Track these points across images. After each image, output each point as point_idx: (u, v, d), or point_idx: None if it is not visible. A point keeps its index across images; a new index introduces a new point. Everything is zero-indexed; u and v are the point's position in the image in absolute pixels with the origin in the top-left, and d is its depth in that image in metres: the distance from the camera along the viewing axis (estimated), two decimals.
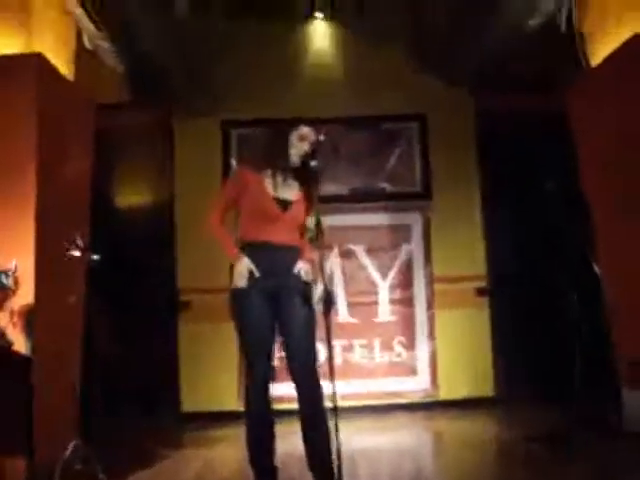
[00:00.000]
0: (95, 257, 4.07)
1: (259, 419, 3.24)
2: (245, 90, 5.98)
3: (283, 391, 3.47)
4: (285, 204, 3.29)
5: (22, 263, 3.70)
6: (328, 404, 3.15)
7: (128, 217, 6.09)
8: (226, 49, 5.88)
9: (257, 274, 3.18)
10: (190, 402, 5.78)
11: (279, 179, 3.34)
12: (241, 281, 3.18)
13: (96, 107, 4.71)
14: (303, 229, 3.37)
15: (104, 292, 5.10)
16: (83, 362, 4.38)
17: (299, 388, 3.24)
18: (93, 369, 4.64)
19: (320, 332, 3.20)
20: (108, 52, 4.66)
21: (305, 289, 3.25)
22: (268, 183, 3.32)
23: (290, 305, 3.21)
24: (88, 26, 4.13)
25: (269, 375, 3.23)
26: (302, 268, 3.26)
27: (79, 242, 3.82)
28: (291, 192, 3.32)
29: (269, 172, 3.34)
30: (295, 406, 3.17)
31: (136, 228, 5.98)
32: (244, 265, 3.20)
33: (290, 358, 3.25)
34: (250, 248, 3.26)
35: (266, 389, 3.22)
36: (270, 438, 3.24)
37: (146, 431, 5.20)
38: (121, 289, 5.56)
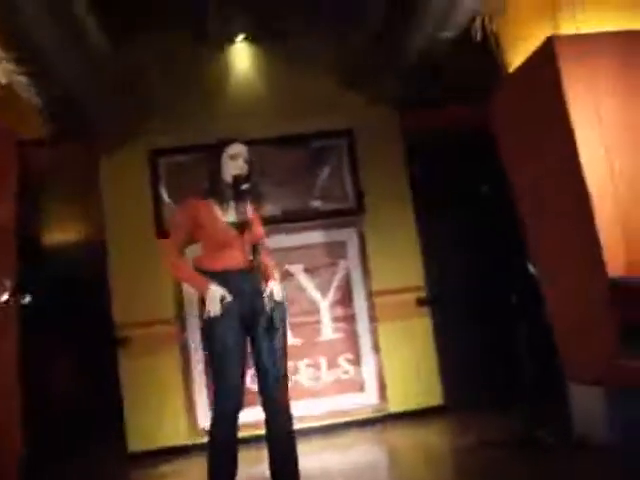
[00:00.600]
0: (26, 300, 3.93)
1: (225, 447, 3.19)
2: (170, 118, 5.90)
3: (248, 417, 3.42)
4: (241, 226, 3.25)
5: None
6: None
7: (59, 256, 5.93)
8: (149, 78, 5.82)
9: (229, 298, 3.15)
10: (136, 440, 5.60)
11: (226, 203, 3.31)
12: (214, 308, 3.15)
13: (17, 143, 4.57)
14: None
15: (39, 334, 4.93)
16: (24, 408, 4.19)
17: (269, 413, 3.23)
18: (35, 415, 4.46)
19: None
20: (24, 86, 4.51)
21: (277, 310, 3.21)
22: (217, 209, 3.29)
23: (262, 333, 3.17)
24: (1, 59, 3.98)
25: (240, 404, 3.19)
26: (272, 289, 3.22)
27: (7, 286, 3.68)
28: (242, 213, 3.28)
29: (214, 199, 3.31)
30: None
31: (68, 267, 5.83)
32: (215, 292, 3.17)
33: (262, 387, 3.22)
34: (215, 277, 3.22)
35: (235, 418, 3.18)
36: (234, 467, 3.20)
37: (93, 475, 5.03)
38: (57, 330, 5.38)
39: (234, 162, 3.29)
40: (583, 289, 3.87)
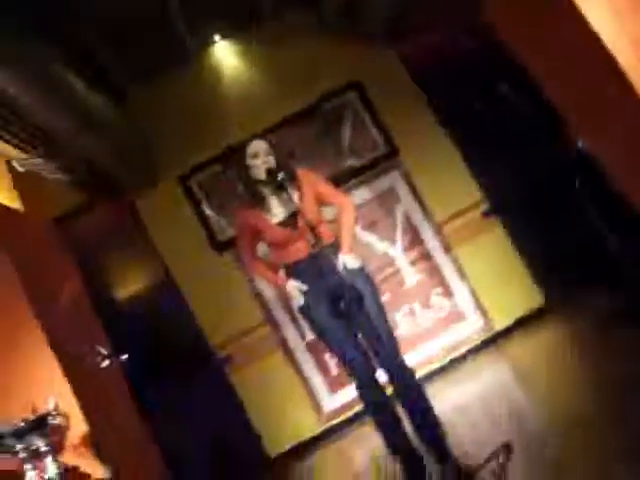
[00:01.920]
0: (124, 357, 4.05)
1: (379, 407, 3.32)
2: (184, 141, 5.94)
3: None
4: (292, 219, 3.28)
5: (60, 397, 3.66)
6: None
7: (137, 307, 6.04)
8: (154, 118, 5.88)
9: (305, 288, 3.22)
10: (274, 445, 5.73)
11: (268, 202, 3.33)
12: (297, 300, 3.25)
13: (60, 220, 4.69)
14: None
15: (148, 385, 5.08)
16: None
17: (390, 373, 3.30)
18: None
19: None
20: (43, 167, 4.60)
21: (358, 277, 3.24)
22: (266, 213, 3.32)
23: (354, 304, 3.21)
24: (11, 153, 4.06)
25: (369, 370, 3.28)
26: (345, 261, 3.24)
27: (103, 352, 3.80)
28: (289, 202, 3.29)
29: (256, 202, 3.34)
30: None
31: (148, 313, 5.94)
32: (290, 287, 3.30)
33: (376, 353, 3.29)
34: (291, 270, 3.30)
35: (371, 379, 3.28)
36: (397, 421, 3.31)
37: None
38: (162, 376, 5.53)
39: (258, 160, 3.29)
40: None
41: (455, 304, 5.87)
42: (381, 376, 3.36)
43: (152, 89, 5.96)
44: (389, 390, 3.44)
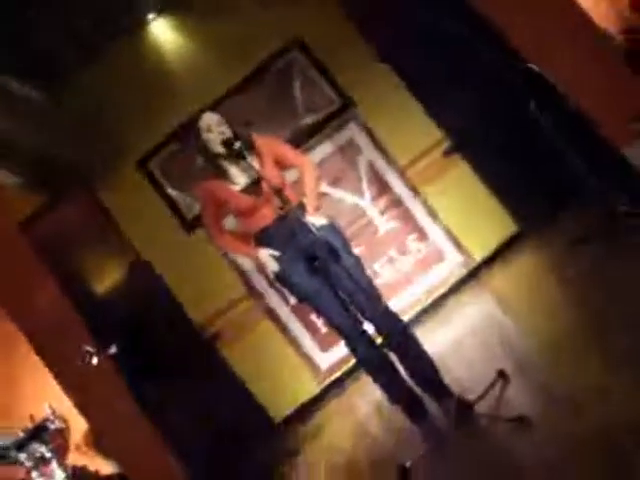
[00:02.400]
0: (113, 349, 4.03)
1: (373, 362, 3.36)
2: (136, 125, 5.84)
3: None
4: (255, 186, 3.25)
5: (57, 401, 3.65)
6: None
7: (117, 298, 5.99)
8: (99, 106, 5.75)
9: (277, 254, 3.21)
10: (277, 410, 5.79)
11: (229, 172, 3.30)
12: (271, 266, 3.23)
13: (24, 224, 4.61)
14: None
15: (143, 375, 5.06)
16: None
17: (376, 323, 3.33)
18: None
19: None
20: None
21: (329, 233, 3.24)
22: (227, 182, 3.29)
23: (329, 260, 3.22)
24: None
25: (356, 324, 3.30)
26: (313, 221, 3.21)
27: (89, 349, 3.77)
28: (250, 169, 3.26)
29: (218, 174, 3.30)
30: None
31: (130, 303, 5.90)
32: (262, 255, 3.28)
33: (358, 305, 3.30)
34: (261, 238, 3.28)
35: (360, 333, 3.30)
36: (392, 370, 3.35)
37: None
38: (154, 363, 5.52)
39: (212, 133, 3.24)
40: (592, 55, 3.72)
41: (431, 245, 5.91)
42: (369, 328, 3.38)
43: (93, 74, 5.80)
44: (378, 340, 3.47)
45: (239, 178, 3.30)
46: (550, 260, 4.76)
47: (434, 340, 4.74)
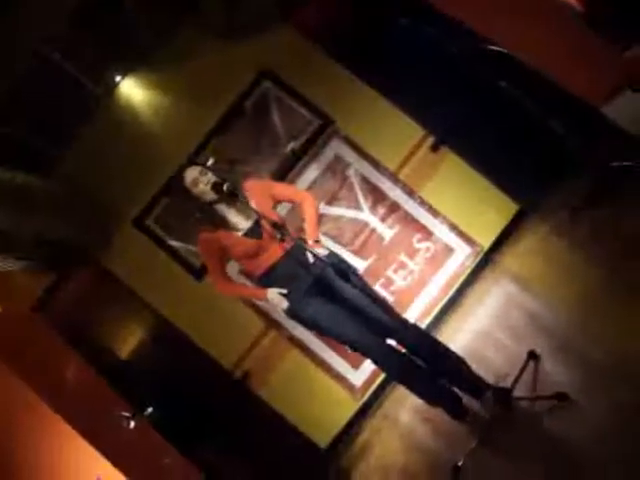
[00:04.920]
0: (149, 410, 4.05)
1: (401, 373, 3.36)
2: (122, 185, 5.90)
3: None
4: (255, 227, 3.29)
5: (104, 472, 3.66)
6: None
7: (142, 358, 6.01)
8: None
9: (285, 291, 3.23)
10: (321, 437, 5.77)
11: (228, 218, 3.33)
12: (281, 305, 3.25)
13: (38, 304, 4.64)
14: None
15: (184, 430, 5.07)
16: None
17: (396, 337, 3.32)
18: None
19: None
20: (3, 263, 4.55)
21: (332, 260, 3.25)
22: (227, 230, 3.32)
23: (337, 285, 3.23)
24: None
25: (374, 338, 3.30)
26: (315, 252, 3.23)
27: (125, 414, 3.79)
28: (247, 212, 3.30)
29: (216, 223, 3.34)
30: None
31: (154, 360, 5.91)
32: (271, 295, 3.28)
33: (374, 321, 3.31)
34: (266, 279, 3.30)
35: (382, 348, 3.30)
36: (423, 375, 3.35)
37: None
38: (189, 412, 5.51)
39: (199, 186, 3.28)
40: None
41: (438, 241, 5.90)
42: (391, 341, 3.39)
43: (75, 150, 5.90)
44: (403, 350, 3.46)
45: (239, 223, 3.33)
46: (557, 229, 4.75)
47: (461, 334, 4.73)
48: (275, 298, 3.27)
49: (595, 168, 4.16)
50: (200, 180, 3.27)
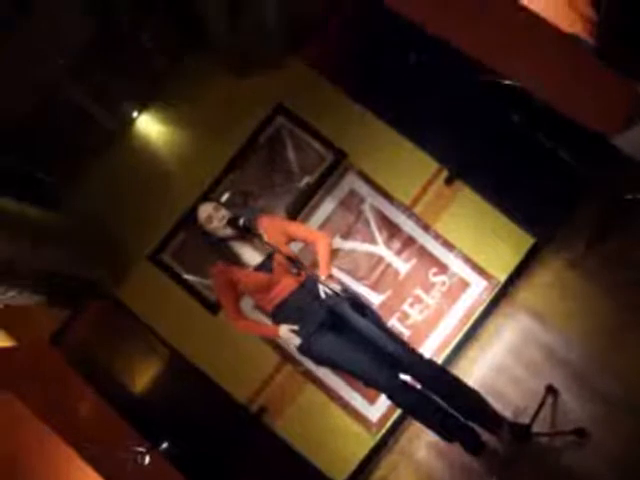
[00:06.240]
0: (165, 445, 4.03)
1: (416, 408, 3.34)
2: (137, 220, 5.96)
3: None
4: (267, 261, 3.31)
5: None
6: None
7: (157, 393, 6.00)
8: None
9: (296, 328, 3.23)
10: (337, 474, 5.70)
11: (242, 254, 3.35)
12: (294, 342, 3.25)
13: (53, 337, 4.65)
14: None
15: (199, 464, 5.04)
16: None
17: (411, 373, 3.31)
18: None
19: None
20: (16, 297, 4.58)
21: (346, 294, 3.26)
22: (239, 265, 3.34)
23: (351, 317, 3.23)
24: None
25: (388, 374, 3.28)
26: (328, 289, 3.24)
27: (140, 449, 3.78)
28: (259, 247, 3.33)
29: (230, 258, 3.36)
30: None
31: (169, 395, 5.90)
32: (283, 332, 3.28)
33: (387, 353, 3.29)
34: (278, 314, 3.31)
35: (397, 384, 3.28)
36: (439, 411, 3.32)
37: None
38: (204, 447, 5.48)
39: (213, 223, 3.31)
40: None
41: (454, 275, 5.88)
42: (406, 377, 3.37)
43: (88, 184, 5.96)
44: (418, 386, 3.44)
45: (252, 258, 3.36)
46: (571, 262, 4.73)
47: (478, 369, 4.69)
48: (287, 335, 3.28)
49: (608, 200, 4.15)
50: (214, 216, 3.30)
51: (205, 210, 3.33)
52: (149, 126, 6.16)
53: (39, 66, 4.29)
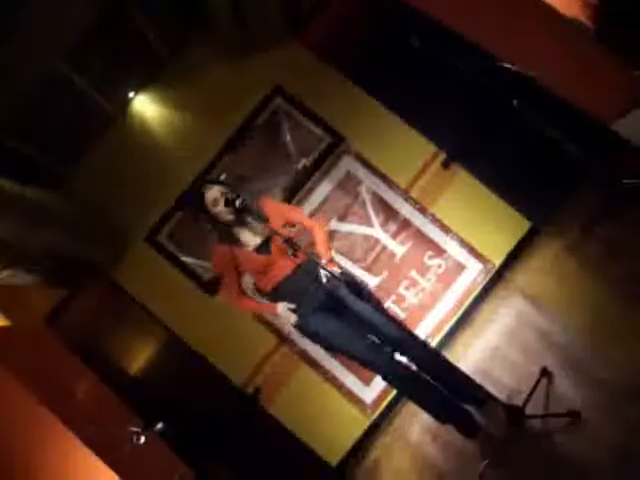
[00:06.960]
0: (160, 426, 4.05)
1: (411, 389, 3.37)
2: (134, 200, 5.95)
3: None
4: (266, 244, 3.34)
5: None
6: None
7: (153, 374, 6.02)
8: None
9: (293, 306, 3.26)
10: (332, 454, 5.74)
11: (242, 237, 3.37)
12: (290, 320, 3.29)
13: (49, 317, 4.65)
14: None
15: (198, 446, 5.06)
16: None
17: (407, 354, 3.33)
18: None
19: None
20: (13, 276, 4.57)
21: (344, 276, 3.28)
22: (239, 246, 3.36)
23: (348, 300, 3.26)
24: None
25: (383, 355, 3.31)
26: (326, 273, 3.27)
27: (135, 429, 3.79)
28: (259, 229, 3.36)
29: (229, 240, 3.37)
30: None
31: (166, 376, 5.91)
32: (281, 310, 3.34)
33: (384, 337, 3.32)
34: (276, 294, 3.34)
35: (392, 362, 3.31)
36: (433, 391, 3.35)
37: None
38: (199, 427, 5.51)
39: (218, 206, 3.33)
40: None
41: (449, 258, 5.89)
42: (401, 358, 3.39)
43: (87, 165, 5.98)
44: (413, 367, 3.46)
45: (251, 240, 3.39)
46: (568, 247, 4.73)
47: (472, 351, 4.71)
48: (284, 312, 3.32)
49: (606, 185, 4.16)
50: (220, 201, 3.32)
51: (212, 194, 3.36)
52: (147, 107, 6.13)
53: (40, 49, 4.26)
